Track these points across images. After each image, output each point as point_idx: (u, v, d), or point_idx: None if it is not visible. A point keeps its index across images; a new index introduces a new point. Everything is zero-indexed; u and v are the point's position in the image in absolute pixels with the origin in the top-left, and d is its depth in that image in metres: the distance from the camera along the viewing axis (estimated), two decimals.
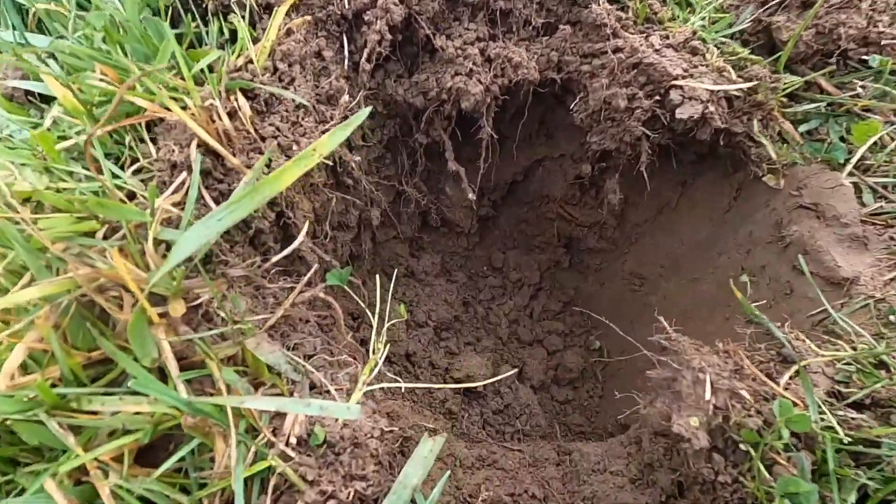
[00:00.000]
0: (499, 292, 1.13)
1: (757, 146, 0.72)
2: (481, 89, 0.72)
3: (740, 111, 0.70)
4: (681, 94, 0.69)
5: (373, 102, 0.77)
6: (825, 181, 0.73)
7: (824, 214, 0.70)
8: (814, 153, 0.76)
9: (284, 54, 0.60)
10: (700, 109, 0.68)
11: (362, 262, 0.94)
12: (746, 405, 0.46)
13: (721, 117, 0.69)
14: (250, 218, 0.55)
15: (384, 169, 0.87)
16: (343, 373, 0.51)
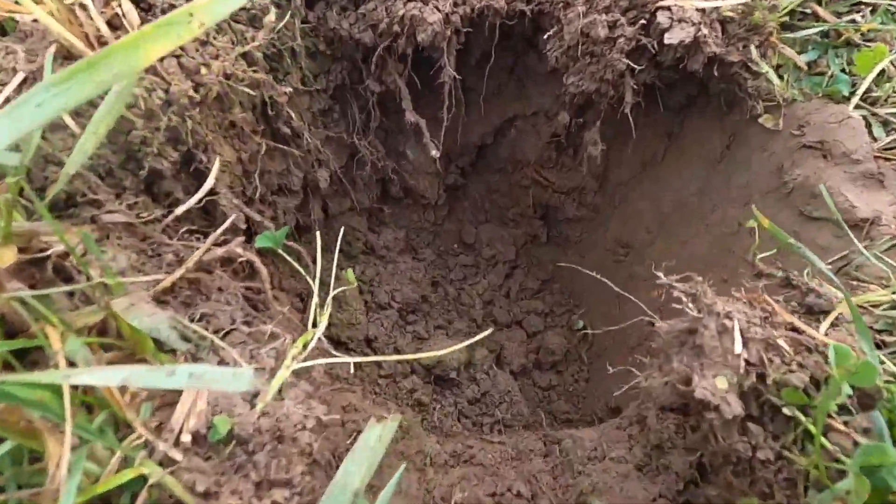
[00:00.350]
0: (471, 271, 1.02)
1: (755, 78, 0.63)
2: (439, 18, 0.61)
3: (735, 37, 0.62)
4: (669, 17, 0.59)
5: (312, 40, 0.65)
6: (830, 116, 0.65)
7: (831, 152, 0.62)
8: (813, 88, 0.67)
9: None
10: (692, 32, 0.58)
11: (311, 237, 0.81)
12: (786, 358, 0.36)
13: (715, 41, 0.59)
14: (142, 155, 0.42)
15: (332, 124, 0.75)
16: (268, 348, 0.39)
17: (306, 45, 0.64)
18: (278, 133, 0.61)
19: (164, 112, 0.43)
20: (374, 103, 0.73)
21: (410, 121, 0.72)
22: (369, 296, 0.84)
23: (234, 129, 0.53)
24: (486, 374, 0.85)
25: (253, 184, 0.56)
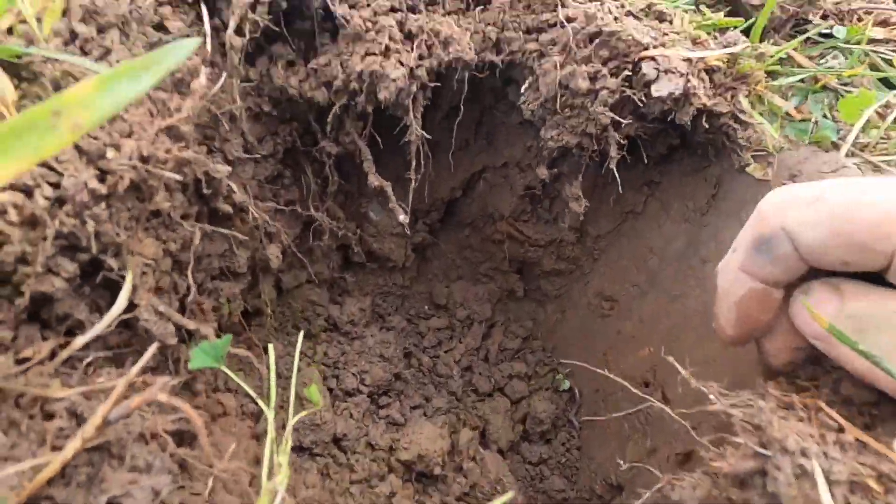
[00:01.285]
0: (446, 335, 0.92)
1: (744, 128, 0.59)
2: (403, 73, 0.53)
3: (722, 86, 0.58)
4: (655, 67, 0.55)
5: (255, 100, 0.56)
6: (822, 165, 0.62)
7: None
8: (799, 135, 0.65)
9: (89, 12, 0.38)
10: (681, 84, 0.54)
11: (263, 319, 0.70)
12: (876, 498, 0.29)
13: (705, 92, 0.55)
14: (19, 277, 0.31)
15: (283, 191, 0.65)
16: None
17: (248, 105, 0.55)
18: (217, 213, 0.51)
19: (52, 215, 0.32)
20: (331, 166, 0.64)
21: (374, 185, 0.63)
22: (334, 381, 0.73)
23: (157, 217, 0.42)
24: (472, 459, 0.75)
25: (187, 282, 0.45)
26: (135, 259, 0.39)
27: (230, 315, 0.60)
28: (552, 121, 0.63)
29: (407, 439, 0.70)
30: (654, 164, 0.75)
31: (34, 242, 0.32)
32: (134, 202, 0.39)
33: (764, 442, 0.30)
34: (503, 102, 0.74)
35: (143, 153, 0.37)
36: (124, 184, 0.36)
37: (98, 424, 0.29)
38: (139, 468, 0.31)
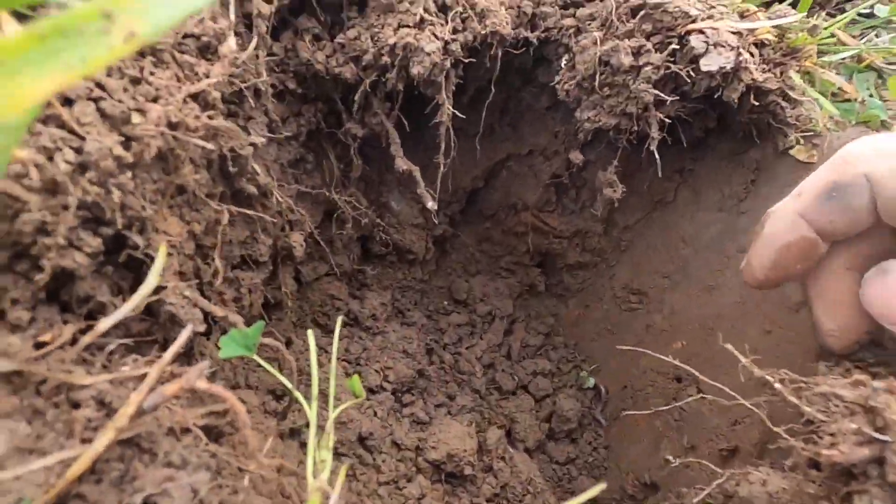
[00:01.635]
0: (466, 331, 0.89)
1: (793, 106, 0.56)
2: (438, 46, 0.50)
3: (772, 62, 0.55)
4: (704, 41, 0.52)
5: (279, 76, 0.53)
6: None
7: None
8: (845, 115, 0.62)
9: None
10: (732, 57, 0.51)
11: (284, 313, 0.66)
12: None
13: (757, 67, 0.52)
14: (38, 249, 0.28)
15: (305, 176, 0.61)
16: None
17: (272, 82, 0.51)
18: (241, 194, 0.48)
19: (74, 182, 0.29)
20: (355, 150, 0.61)
21: (402, 168, 0.60)
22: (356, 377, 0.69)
23: (182, 194, 0.39)
24: (501, 459, 0.72)
25: (212, 265, 0.42)
26: (160, 237, 0.35)
27: (251, 306, 0.56)
28: (589, 101, 0.60)
29: (434, 438, 0.66)
30: (688, 150, 0.72)
31: (55, 211, 0.28)
32: (160, 174, 0.35)
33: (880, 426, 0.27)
34: (532, 84, 0.71)
35: (171, 119, 0.34)
36: (151, 152, 0.33)
37: (131, 414, 0.25)
38: (175, 464, 0.28)
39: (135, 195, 0.33)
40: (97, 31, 0.14)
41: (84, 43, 0.14)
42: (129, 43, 0.15)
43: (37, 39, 0.13)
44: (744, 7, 0.54)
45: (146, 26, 0.15)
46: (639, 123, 0.59)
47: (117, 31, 0.14)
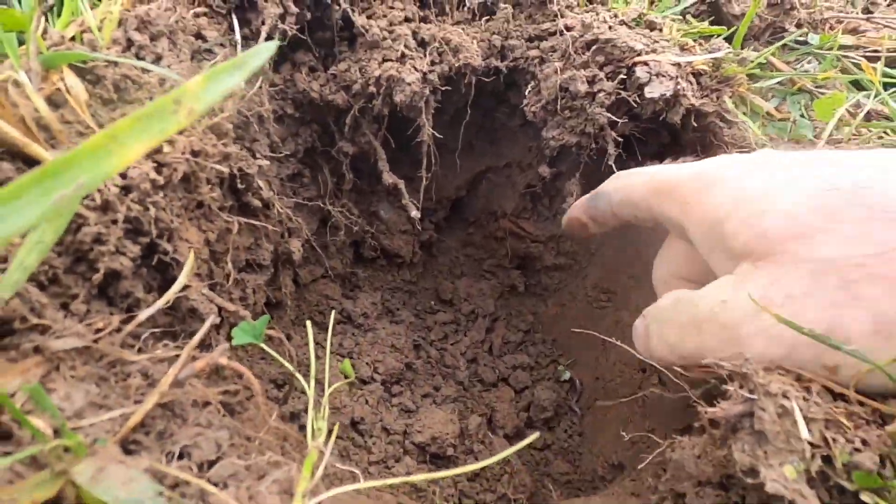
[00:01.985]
0: (451, 328, 0.96)
1: (729, 126, 0.65)
2: (418, 77, 0.58)
3: (708, 88, 0.63)
4: (647, 71, 0.60)
5: (279, 103, 0.60)
6: None
7: None
8: (779, 133, 0.70)
9: (143, 22, 0.42)
10: (672, 86, 0.59)
11: (283, 311, 0.74)
12: (849, 435, 0.33)
13: (693, 94, 0.60)
14: (95, 255, 0.35)
15: (302, 189, 0.69)
16: (269, 481, 0.32)
17: (273, 108, 0.59)
18: (247, 206, 0.55)
19: (121, 201, 0.36)
20: (347, 165, 0.69)
21: (388, 182, 0.68)
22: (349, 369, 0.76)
23: (200, 208, 0.46)
24: (481, 443, 0.79)
25: (224, 268, 0.49)
26: (183, 244, 0.43)
27: (255, 305, 0.64)
28: (553, 121, 0.68)
29: (420, 424, 0.73)
30: (648, 162, 0.80)
31: (107, 224, 0.36)
32: (184, 192, 0.43)
33: (751, 388, 0.35)
34: (505, 105, 0.79)
35: (193, 148, 0.41)
36: (178, 175, 0.40)
37: (170, 382, 0.33)
38: (202, 425, 0.35)
39: (165, 210, 0.40)
40: (170, 112, 0.22)
41: (162, 120, 0.21)
42: (189, 117, 0.23)
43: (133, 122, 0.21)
44: (683, 41, 0.62)
45: (201, 105, 0.23)
46: (597, 141, 0.67)
47: (182, 111, 0.22)
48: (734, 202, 0.38)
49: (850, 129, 0.67)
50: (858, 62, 0.74)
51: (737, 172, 0.40)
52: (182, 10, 0.47)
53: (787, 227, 0.34)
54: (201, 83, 0.23)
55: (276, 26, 0.51)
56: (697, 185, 0.42)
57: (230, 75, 0.24)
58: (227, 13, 0.54)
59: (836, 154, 0.38)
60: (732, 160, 0.43)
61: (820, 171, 0.35)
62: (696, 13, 0.71)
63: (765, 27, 0.68)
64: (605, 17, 0.64)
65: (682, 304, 0.42)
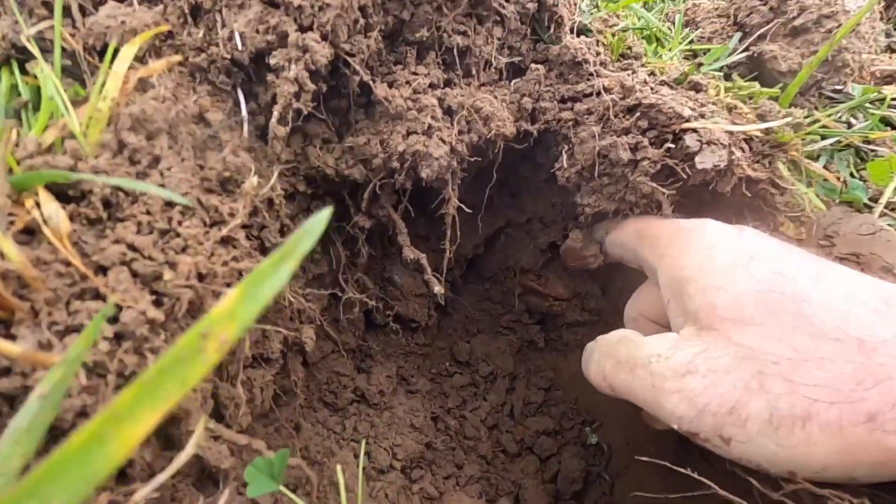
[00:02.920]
0: (470, 392, 0.90)
1: (781, 193, 0.59)
2: (446, 150, 0.52)
3: (760, 154, 0.58)
4: (698, 139, 0.54)
5: (290, 180, 0.54)
6: (860, 227, 0.62)
7: (869, 266, 0.59)
8: (829, 195, 0.65)
9: (138, 120, 0.35)
10: (725, 156, 0.53)
11: (292, 398, 0.66)
12: None
13: (748, 163, 0.55)
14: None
15: (313, 266, 0.62)
16: None
17: (284, 187, 0.52)
18: None
19: (112, 357, 0.29)
20: (363, 241, 0.62)
21: (409, 258, 0.61)
22: (365, 458, 0.69)
23: None
24: None
25: (235, 389, 0.42)
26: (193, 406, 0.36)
27: (262, 403, 0.56)
28: (588, 187, 0.62)
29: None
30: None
31: (93, 391, 0.29)
32: (188, 320, 0.36)
33: None
34: (529, 161, 0.73)
35: (200, 271, 0.34)
36: (182, 307, 0.33)
37: None
38: None
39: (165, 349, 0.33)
40: (195, 353, 0.15)
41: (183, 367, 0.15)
42: (221, 350, 0.16)
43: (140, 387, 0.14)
44: (732, 103, 0.57)
45: (235, 328, 0.16)
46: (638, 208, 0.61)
47: (212, 345, 0.15)
48: (700, 269, 0.44)
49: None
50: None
51: (708, 243, 0.46)
52: (184, 96, 0.40)
53: (732, 310, 0.40)
54: (237, 299, 0.16)
55: (290, 105, 0.45)
56: (677, 240, 0.49)
57: (276, 274, 0.17)
58: (231, 88, 0.47)
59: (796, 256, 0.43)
60: (712, 227, 0.49)
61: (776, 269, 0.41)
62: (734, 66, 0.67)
63: (811, 84, 0.63)
64: (645, 78, 0.59)
65: (626, 343, 0.49)
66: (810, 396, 0.35)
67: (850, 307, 0.37)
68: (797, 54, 0.61)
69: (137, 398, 0.14)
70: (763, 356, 0.37)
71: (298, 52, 0.43)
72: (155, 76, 0.39)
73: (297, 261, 0.18)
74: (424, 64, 0.54)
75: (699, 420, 0.39)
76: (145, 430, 0.14)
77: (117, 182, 0.31)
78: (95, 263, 0.31)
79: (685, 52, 0.70)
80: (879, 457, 0.34)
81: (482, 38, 0.56)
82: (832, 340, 0.36)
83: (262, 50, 0.45)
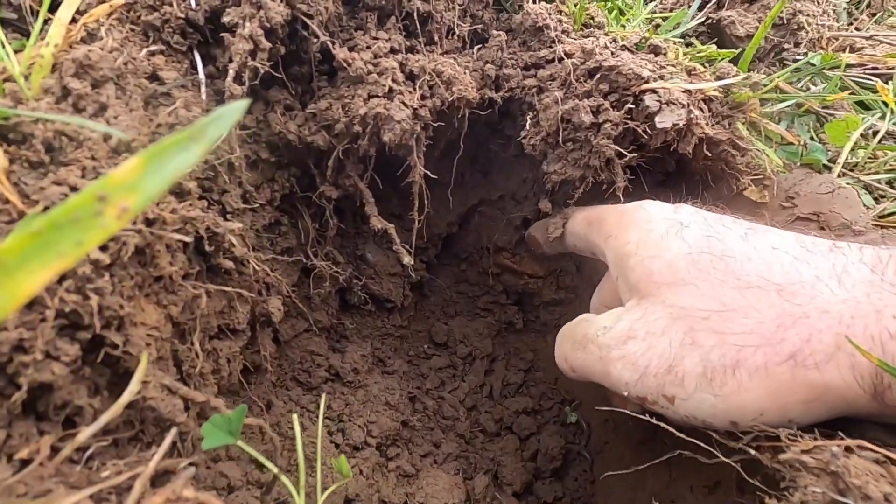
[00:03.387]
0: (448, 374, 0.89)
1: (742, 154, 0.60)
2: (408, 114, 0.52)
3: (720, 115, 0.59)
4: (657, 100, 0.55)
5: (252, 147, 0.53)
6: (819, 186, 0.63)
7: (829, 224, 0.60)
8: (790, 157, 0.66)
9: (82, 66, 0.35)
10: (684, 115, 0.54)
11: (263, 375, 0.66)
12: None
13: (707, 122, 0.56)
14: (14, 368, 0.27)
15: (281, 239, 0.62)
16: None
17: (245, 153, 0.52)
18: (217, 268, 0.48)
19: (52, 293, 0.29)
20: (331, 211, 0.62)
21: (377, 227, 0.61)
22: (340, 436, 0.68)
23: (159, 282, 0.39)
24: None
25: (192, 348, 0.41)
26: (139, 331, 0.35)
27: (230, 375, 0.56)
28: (554, 154, 0.62)
29: (422, 493, 0.66)
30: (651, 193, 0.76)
31: (32, 326, 0.28)
32: (137, 268, 0.35)
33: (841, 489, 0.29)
34: (498, 136, 0.74)
35: (147, 216, 0.34)
36: (129, 251, 0.33)
37: None
38: None
39: (112, 295, 0.32)
40: (91, 215, 0.15)
41: (79, 229, 0.15)
42: (122, 218, 0.16)
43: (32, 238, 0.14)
44: (690, 66, 0.58)
45: (138, 199, 0.16)
46: (602, 174, 0.62)
47: (111, 210, 0.15)
48: (638, 243, 0.46)
49: (866, 153, 0.63)
50: (861, 81, 0.71)
51: (647, 219, 0.48)
52: (132, 49, 0.40)
53: (666, 275, 0.42)
54: (138, 167, 0.16)
55: (245, 63, 0.44)
56: (620, 220, 0.51)
57: (183, 151, 0.17)
58: (187, 50, 0.47)
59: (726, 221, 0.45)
60: (651, 206, 0.50)
61: (706, 233, 0.43)
62: (696, 35, 0.68)
63: (770, 48, 0.65)
64: (606, 43, 0.59)
65: (582, 323, 0.51)
66: (738, 344, 0.36)
67: (773, 258, 0.38)
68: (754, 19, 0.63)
69: (28, 249, 0.14)
70: (695, 313, 0.39)
71: (252, 9, 0.43)
72: (103, 30, 0.39)
73: (208, 144, 0.18)
74: (385, 29, 0.55)
75: (643, 383, 0.40)
76: (36, 286, 0.14)
77: (57, 118, 0.31)
78: (35, 203, 0.30)
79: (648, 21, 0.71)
80: (804, 394, 0.34)
81: (443, 4, 0.56)
82: (756, 289, 0.37)
83: (217, 8, 0.44)
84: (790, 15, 0.63)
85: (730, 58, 0.61)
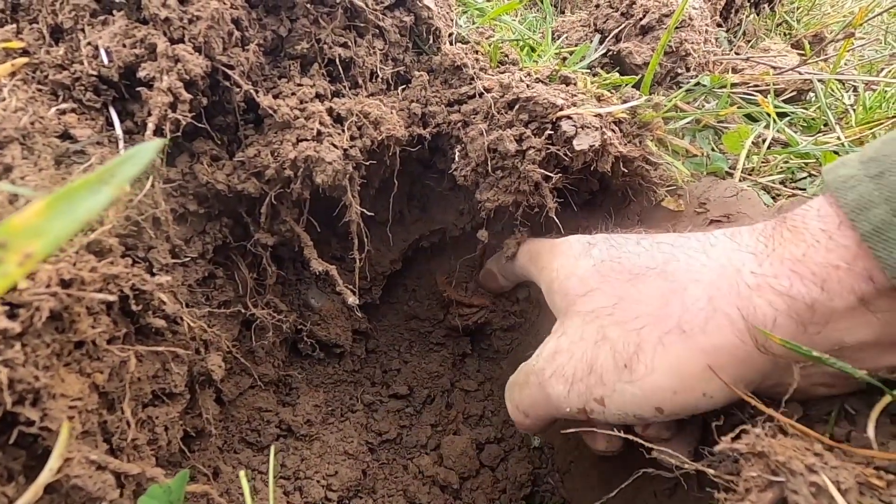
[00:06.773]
0: (407, 415, 0.87)
1: (655, 168, 0.66)
2: (338, 154, 0.53)
3: (630, 135, 0.64)
4: (573, 124, 0.59)
5: (179, 200, 0.52)
6: (725, 191, 0.70)
7: (738, 222, 0.65)
8: (697, 168, 0.73)
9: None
10: (598, 136, 0.59)
11: (207, 440, 0.61)
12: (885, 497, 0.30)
13: (619, 141, 0.60)
14: None
15: (217, 293, 0.59)
16: None
17: (172, 207, 0.50)
18: (148, 329, 0.45)
19: None
20: (268, 258, 0.60)
21: (318, 270, 0.60)
22: (297, 495, 0.64)
23: (80, 348, 0.36)
24: None
25: (122, 416, 0.38)
26: (58, 403, 0.32)
27: (169, 444, 0.52)
28: (485, 183, 0.65)
29: None
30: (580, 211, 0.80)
31: None
32: (53, 335, 0.33)
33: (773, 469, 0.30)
34: (432, 170, 0.76)
35: (63, 277, 0.32)
36: (42, 316, 0.31)
37: None
38: None
39: (25, 366, 0.30)
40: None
41: None
42: (25, 265, 0.15)
43: None
44: (598, 92, 0.63)
45: (45, 243, 0.15)
46: (532, 198, 0.65)
47: (11, 257, 0.14)
48: (558, 268, 0.51)
49: (759, 158, 0.71)
50: (745, 97, 0.80)
51: (568, 248, 0.53)
52: (39, 108, 0.38)
53: (579, 289, 0.46)
54: (41, 211, 0.15)
55: (165, 115, 0.44)
56: (551, 253, 0.56)
57: (92, 194, 0.17)
58: (102, 107, 0.45)
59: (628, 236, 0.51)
60: (577, 239, 0.55)
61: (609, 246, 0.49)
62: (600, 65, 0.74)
63: (665, 73, 0.72)
64: (521, 77, 0.64)
65: (523, 365, 0.53)
66: (635, 328, 0.40)
67: (656, 250, 0.44)
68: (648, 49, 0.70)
69: None
70: (601, 312, 0.43)
71: (170, 62, 0.43)
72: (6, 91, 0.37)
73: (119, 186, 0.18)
74: (309, 76, 0.56)
75: (574, 391, 0.42)
76: None
77: None
78: None
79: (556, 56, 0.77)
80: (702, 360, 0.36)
81: (364, 49, 0.58)
82: (643, 277, 0.42)
83: (131, 64, 0.44)
84: (678, 43, 0.71)
85: (632, 83, 0.67)
